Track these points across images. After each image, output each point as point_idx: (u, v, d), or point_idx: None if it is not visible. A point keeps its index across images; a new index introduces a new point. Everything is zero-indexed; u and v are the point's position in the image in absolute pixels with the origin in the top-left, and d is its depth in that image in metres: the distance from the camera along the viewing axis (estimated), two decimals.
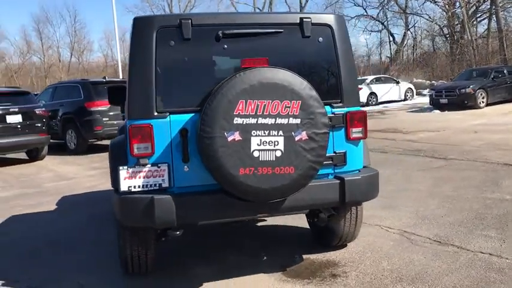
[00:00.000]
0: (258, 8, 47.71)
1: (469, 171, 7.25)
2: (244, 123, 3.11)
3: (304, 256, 4.16)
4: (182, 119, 3.32)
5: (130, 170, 3.29)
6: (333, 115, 3.58)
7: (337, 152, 3.63)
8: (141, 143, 3.30)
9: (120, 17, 64.08)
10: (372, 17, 40.31)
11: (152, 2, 59.08)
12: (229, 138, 3.10)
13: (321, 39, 3.63)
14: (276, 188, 3.21)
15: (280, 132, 3.17)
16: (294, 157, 3.20)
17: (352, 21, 39.17)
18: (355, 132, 3.67)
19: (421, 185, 6.59)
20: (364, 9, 40.87)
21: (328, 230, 4.19)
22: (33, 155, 11.44)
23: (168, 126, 3.33)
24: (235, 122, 3.10)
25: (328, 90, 3.66)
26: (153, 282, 3.82)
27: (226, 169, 3.11)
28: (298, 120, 3.20)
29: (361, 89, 23.30)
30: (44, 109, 11.32)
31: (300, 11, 45.84)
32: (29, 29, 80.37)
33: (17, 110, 10.58)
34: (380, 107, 22.49)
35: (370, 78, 24.93)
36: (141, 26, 3.37)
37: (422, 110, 19.26)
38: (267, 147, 3.16)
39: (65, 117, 12.21)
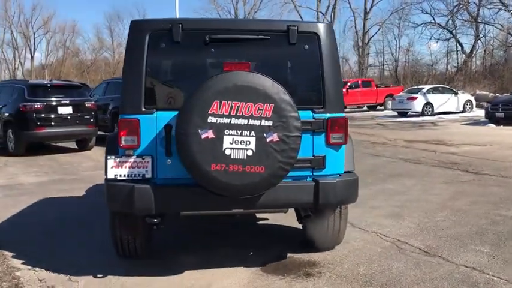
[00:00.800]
0: (321, 13, 47.63)
1: (495, 187, 7.06)
2: (217, 122, 3.33)
3: (289, 254, 4.31)
4: (167, 115, 3.58)
5: (117, 159, 3.60)
6: (313, 120, 3.73)
7: (316, 155, 3.76)
8: (128, 135, 3.60)
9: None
10: (440, 25, 39.15)
11: (218, 4, 60.38)
12: (203, 136, 3.33)
13: (306, 46, 3.79)
14: (247, 185, 3.40)
15: (252, 133, 3.36)
16: (264, 157, 3.38)
17: (418, 29, 38.19)
18: (335, 138, 3.79)
19: (438, 197, 6.51)
20: (432, 17, 39.75)
21: (313, 232, 4.31)
22: (82, 145, 12.20)
23: (154, 122, 3.61)
24: (209, 120, 3.32)
25: (310, 96, 3.82)
26: (139, 264, 4.10)
27: (199, 164, 3.35)
28: (270, 123, 3.37)
29: (416, 98, 22.82)
30: (93, 102, 12.06)
31: (364, 17, 45.30)
32: (101, 27, 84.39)
33: (68, 102, 11.36)
34: (435, 117, 21.85)
35: (427, 87, 24.27)
36: (135, 29, 3.68)
37: (477, 123, 18.57)
38: (239, 146, 3.36)
39: (114, 111, 12.93)
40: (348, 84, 28.92)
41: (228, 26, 3.82)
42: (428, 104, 22.95)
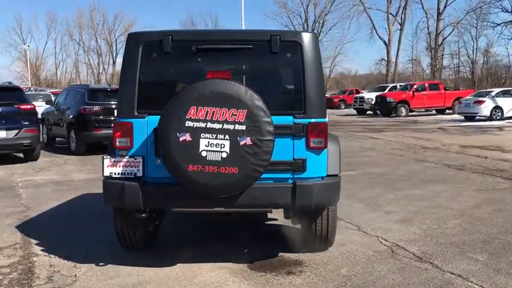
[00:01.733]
0: (391, 14, 46.52)
1: None
2: (194, 126, 3.60)
3: (281, 253, 4.47)
4: (157, 119, 3.90)
5: (113, 159, 3.97)
6: (293, 124, 3.90)
7: (296, 158, 3.92)
8: (122, 137, 3.96)
9: (259, 23, 66.95)
10: None
11: (289, 8, 60.73)
12: (181, 139, 3.61)
13: (289, 55, 3.96)
14: (222, 185, 3.64)
15: (227, 137, 3.60)
16: (238, 159, 3.61)
17: (497, 29, 36.31)
18: (315, 142, 3.94)
19: (461, 204, 6.36)
20: None
21: (303, 232, 4.46)
22: None
23: (145, 125, 3.94)
24: (186, 124, 3.60)
25: (291, 102, 3.99)
26: (140, 255, 4.44)
27: (177, 165, 3.64)
28: (243, 127, 3.59)
29: (483, 102, 21.81)
30: None
31: (438, 17, 43.71)
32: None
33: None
34: (503, 122, 20.77)
35: (496, 90, 23.10)
36: (131, 41, 4.04)
37: None
38: (214, 148, 3.61)
39: (70, 122, 12.79)
40: (414, 87, 28.15)
41: (214, 37, 4.09)
42: (497, 107, 21.87)
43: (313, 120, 3.93)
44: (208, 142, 3.61)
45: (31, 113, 10.75)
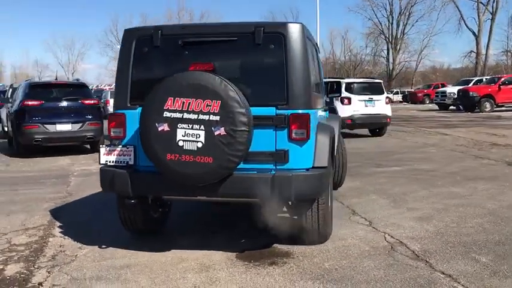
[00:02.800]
0: (482, 3, 43.73)
1: None
2: (172, 116, 3.73)
3: (275, 245, 4.46)
4: None
5: (108, 148, 4.21)
6: (275, 115, 3.91)
7: (278, 149, 3.92)
8: (116, 127, 4.20)
9: (342, 16, 65.97)
10: None
11: (373, 1, 59.12)
12: (160, 129, 3.76)
13: (272, 46, 3.97)
14: (198, 174, 3.75)
15: (202, 127, 3.69)
16: (212, 149, 3.69)
17: None
18: (297, 133, 3.91)
19: (496, 203, 5.93)
20: None
21: (296, 225, 4.44)
22: None
23: (137, 116, 4.12)
24: (164, 115, 3.74)
25: (274, 93, 3.98)
26: (141, 239, 4.67)
27: (156, 154, 3.80)
28: (217, 118, 3.67)
29: None
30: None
31: None
32: None
33: None
34: None
35: None
36: (125, 36, 4.25)
37: None
38: (190, 138, 3.72)
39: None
40: (502, 80, 26.30)
41: (200, 30, 4.19)
42: None
43: (295, 111, 3.91)
44: (185, 132, 3.72)
45: (94, 108, 11.52)
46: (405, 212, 5.67)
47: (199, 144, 3.71)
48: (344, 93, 14.28)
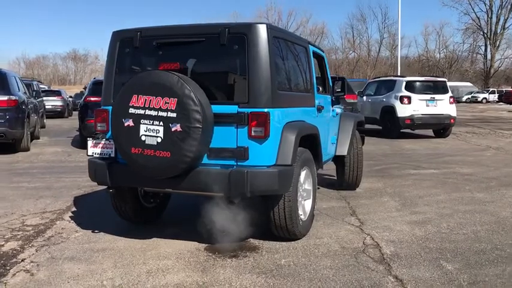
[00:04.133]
0: None
1: None
2: (136, 113, 4.00)
3: (250, 239, 4.56)
4: None
5: (94, 141, 4.58)
6: (237, 113, 4.04)
7: (239, 146, 4.05)
8: (101, 122, 4.55)
9: (437, 11, 62.83)
10: None
11: None
12: (126, 124, 4.04)
13: (236, 46, 4.10)
14: (158, 168, 3.99)
15: (161, 123, 3.92)
16: (170, 144, 3.91)
17: None
18: (256, 131, 4.01)
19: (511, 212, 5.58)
20: None
21: (267, 221, 4.51)
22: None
23: None
24: (130, 111, 4.02)
25: (237, 91, 4.11)
26: (132, 227, 4.99)
27: (123, 148, 4.09)
28: (174, 114, 3.88)
29: None
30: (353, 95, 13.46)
31: None
32: (345, 28, 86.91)
33: None
34: None
35: None
36: (112, 38, 4.58)
37: None
38: (151, 133, 3.96)
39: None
40: None
41: (172, 32, 4.40)
42: None
43: (254, 110, 4.01)
44: (147, 128, 3.98)
45: None
46: (406, 215, 5.50)
47: (159, 140, 3.94)
48: (403, 92, 13.81)
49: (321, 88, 5.95)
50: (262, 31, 4.08)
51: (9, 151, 11.18)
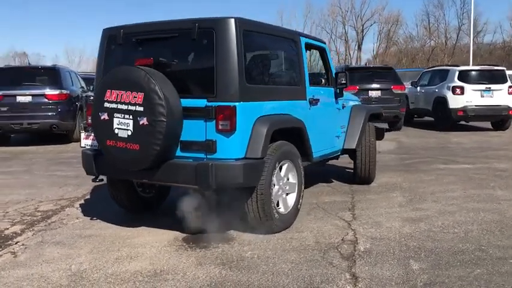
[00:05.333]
0: None
1: None
2: (110, 107, 4.18)
3: (231, 231, 4.61)
4: None
5: (86, 134, 4.85)
6: (204, 107, 4.11)
7: (208, 140, 4.12)
8: (90, 115, 4.81)
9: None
10: None
11: None
12: (101, 117, 4.24)
13: (205, 41, 4.15)
14: (129, 159, 4.15)
15: (130, 117, 4.08)
16: (138, 137, 4.06)
17: None
18: (222, 125, 4.06)
19: None
20: None
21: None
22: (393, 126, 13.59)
23: None
24: (105, 105, 4.21)
25: (206, 86, 4.17)
26: (127, 216, 5.21)
27: (100, 140, 4.31)
28: (141, 108, 4.02)
29: None
30: (403, 86, 13.26)
31: None
32: (420, 15, 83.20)
33: (378, 86, 12.96)
34: None
35: None
36: (102, 35, 4.80)
37: None
38: (123, 127, 4.13)
39: None
40: None
41: (150, 28, 4.51)
42: None
43: (221, 103, 4.06)
44: (119, 121, 4.15)
45: None
46: (406, 212, 5.30)
47: (129, 133, 4.11)
48: (456, 82, 13.12)
49: (323, 80, 5.87)
50: (230, 25, 4.11)
51: (63, 141, 12.00)
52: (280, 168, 4.61)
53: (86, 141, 4.84)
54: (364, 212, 5.29)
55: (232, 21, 4.14)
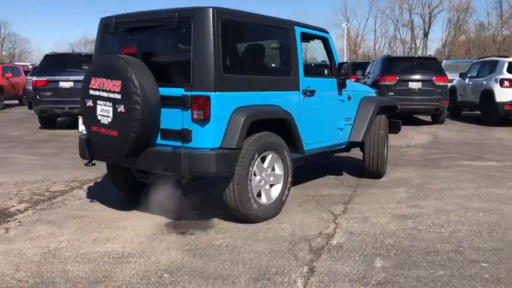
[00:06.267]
0: None
1: None
2: (94, 94, 4.35)
3: (216, 219, 4.66)
4: None
5: (82, 119, 5.07)
6: (181, 96, 4.19)
7: (184, 128, 4.20)
8: None
9: None
10: None
11: None
12: (87, 104, 4.43)
13: (184, 30, 4.21)
14: (110, 145, 4.32)
15: (110, 104, 4.23)
16: (117, 124, 4.20)
17: None
18: (197, 114, 4.12)
19: None
20: None
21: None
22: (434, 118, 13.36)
23: None
24: (90, 92, 4.38)
25: (183, 75, 4.24)
26: (120, 199, 5.41)
27: (86, 126, 4.50)
28: (119, 96, 4.15)
29: None
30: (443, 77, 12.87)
31: None
32: (492, 1, 78.24)
33: (418, 77, 12.67)
34: None
35: None
36: (99, 24, 4.98)
37: None
38: (105, 113, 4.29)
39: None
40: None
41: (137, 18, 4.61)
42: None
43: (196, 93, 4.11)
44: (101, 108, 4.32)
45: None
46: (401, 208, 5.14)
47: (110, 119, 4.26)
48: (504, 75, 12.38)
49: (326, 71, 5.77)
50: (207, 15, 4.13)
51: None
52: (264, 159, 4.61)
53: (82, 126, 5.05)
54: (357, 207, 5.18)
55: (210, 10, 4.16)
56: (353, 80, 17.26)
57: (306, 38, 5.40)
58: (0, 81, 18.51)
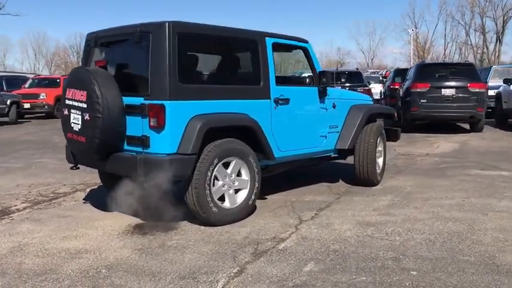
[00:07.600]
0: None
1: None
2: (68, 103, 4.76)
3: (185, 222, 4.91)
4: None
5: None
6: (140, 105, 4.50)
7: (143, 135, 4.50)
8: None
9: None
10: None
11: None
12: (64, 113, 4.84)
13: (145, 43, 4.52)
14: (81, 150, 4.71)
15: (79, 112, 4.61)
16: (84, 131, 4.58)
17: None
18: (153, 122, 4.41)
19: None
20: None
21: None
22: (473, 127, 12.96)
23: None
24: (66, 102, 4.80)
25: (144, 85, 4.55)
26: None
27: (64, 132, 4.91)
28: (85, 105, 4.53)
29: None
30: (483, 84, 12.47)
31: None
32: None
33: (452, 84, 12.27)
34: None
35: None
36: (85, 38, 5.41)
37: None
38: (76, 121, 4.69)
39: None
40: None
41: (111, 33, 4.98)
42: None
43: (152, 102, 4.40)
44: (74, 116, 4.72)
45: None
46: (372, 216, 5.13)
47: (79, 127, 4.65)
48: None
49: (307, 80, 5.88)
50: (163, 29, 4.41)
51: None
52: (227, 165, 4.80)
53: None
54: (328, 213, 5.23)
55: (166, 24, 4.44)
56: (396, 87, 17.17)
57: (281, 48, 5.53)
58: (59, 92, 19.90)
